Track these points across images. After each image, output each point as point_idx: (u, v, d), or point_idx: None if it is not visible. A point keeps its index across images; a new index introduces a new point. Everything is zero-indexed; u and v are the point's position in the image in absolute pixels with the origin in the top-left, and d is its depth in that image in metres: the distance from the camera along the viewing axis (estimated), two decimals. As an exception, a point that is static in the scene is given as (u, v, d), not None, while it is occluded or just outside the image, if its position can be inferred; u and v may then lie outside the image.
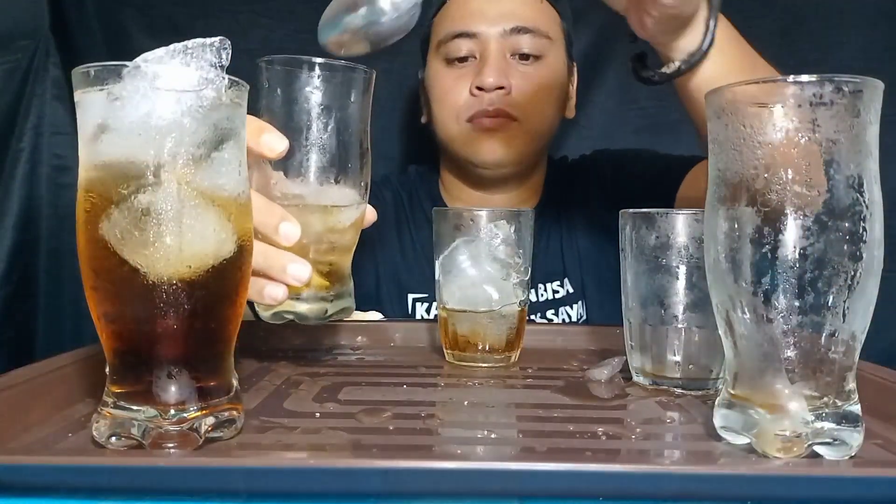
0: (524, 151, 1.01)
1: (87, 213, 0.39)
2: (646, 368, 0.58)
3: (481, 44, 0.98)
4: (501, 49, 0.97)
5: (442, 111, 1.02)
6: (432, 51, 1.04)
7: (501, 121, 0.97)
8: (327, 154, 0.57)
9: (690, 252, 0.55)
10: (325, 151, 0.57)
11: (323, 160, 0.57)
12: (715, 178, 0.42)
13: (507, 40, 0.98)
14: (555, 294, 1.06)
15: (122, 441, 0.39)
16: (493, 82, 0.95)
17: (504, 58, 0.98)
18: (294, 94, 0.56)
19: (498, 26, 0.97)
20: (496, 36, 0.97)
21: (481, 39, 0.98)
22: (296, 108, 0.56)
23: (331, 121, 0.57)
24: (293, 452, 0.42)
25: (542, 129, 1.02)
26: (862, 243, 0.38)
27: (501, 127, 0.98)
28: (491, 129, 0.98)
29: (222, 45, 0.39)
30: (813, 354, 0.39)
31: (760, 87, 0.39)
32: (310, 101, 0.56)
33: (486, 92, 0.96)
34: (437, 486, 0.38)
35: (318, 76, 0.56)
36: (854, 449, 0.39)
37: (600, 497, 0.37)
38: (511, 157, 1.00)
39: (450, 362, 0.67)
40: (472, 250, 0.65)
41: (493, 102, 0.96)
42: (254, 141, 0.49)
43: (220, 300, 0.41)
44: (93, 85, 0.39)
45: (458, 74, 1.00)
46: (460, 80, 0.99)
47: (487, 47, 0.97)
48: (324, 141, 0.57)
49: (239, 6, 1.27)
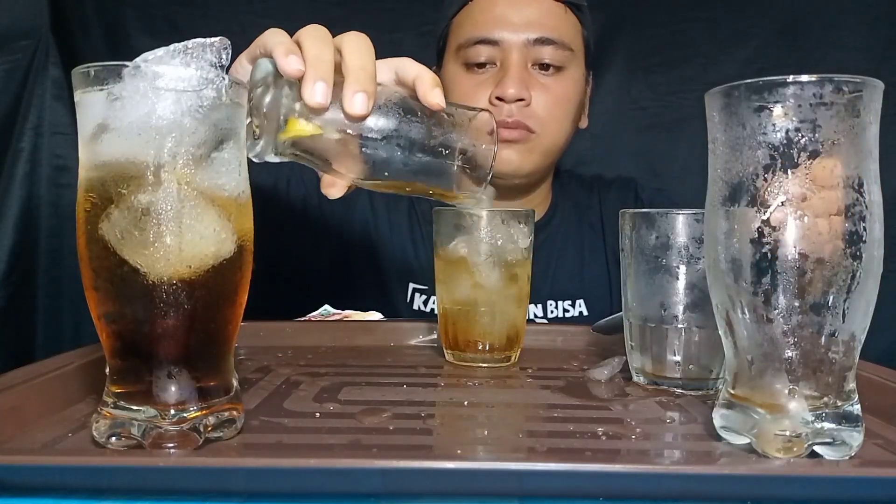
0: (540, 163, 1.01)
1: (87, 213, 0.39)
2: (646, 368, 0.58)
3: (503, 52, 0.96)
4: (523, 59, 0.96)
5: None
6: (450, 52, 1.02)
7: (520, 133, 0.96)
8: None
9: (690, 252, 0.55)
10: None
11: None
12: (715, 178, 0.42)
13: (529, 50, 0.96)
14: (565, 313, 1.05)
15: (122, 441, 0.39)
16: (514, 94, 0.94)
17: (525, 68, 0.96)
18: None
19: (522, 35, 0.95)
20: (519, 45, 0.95)
21: (503, 47, 0.96)
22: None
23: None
24: (293, 452, 0.42)
25: (559, 142, 1.01)
26: (862, 243, 0.38)
27: (519, 139, 0.97)
28: (508, 141, 0.96)
29: (222, 45, 0.39)
30: (813, 354, 0.39)
31: (760, 86, 0.39)
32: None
33: (506, 103, 0.95)
34: (437, 486, 0.38)
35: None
36: (854, 449, 0.39)
37: (600, 497, 0.37)
38: (526, 169, 1.00)
39: (450, 362, 0.67)
40: (472, 248, 0.66)
41: (513, 114, 0.95)
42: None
43: (220, 300, 0.41)
44: (93, 85, 0.39)
45: (477, 81, 0.98)
46: (479, 87, 0.97)
47: (509, 56, 0.95)
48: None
49: (239, 6, 1.27)
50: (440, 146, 0.53)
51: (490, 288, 0.66)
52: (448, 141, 0.53)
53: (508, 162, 0.98)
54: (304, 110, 0.51)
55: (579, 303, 1.05)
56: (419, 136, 0.53)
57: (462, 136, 0.54)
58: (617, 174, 1.20)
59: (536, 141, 0.98)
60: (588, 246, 1.09)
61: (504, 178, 1.00)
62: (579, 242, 1.09)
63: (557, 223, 1.10)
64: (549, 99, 0.97)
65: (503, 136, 0.96)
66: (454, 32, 1.02)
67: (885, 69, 1.18)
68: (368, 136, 0.52)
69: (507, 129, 0.96)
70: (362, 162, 0.53)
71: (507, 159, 0.98)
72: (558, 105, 0.98)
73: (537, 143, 0.98)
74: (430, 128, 0.53)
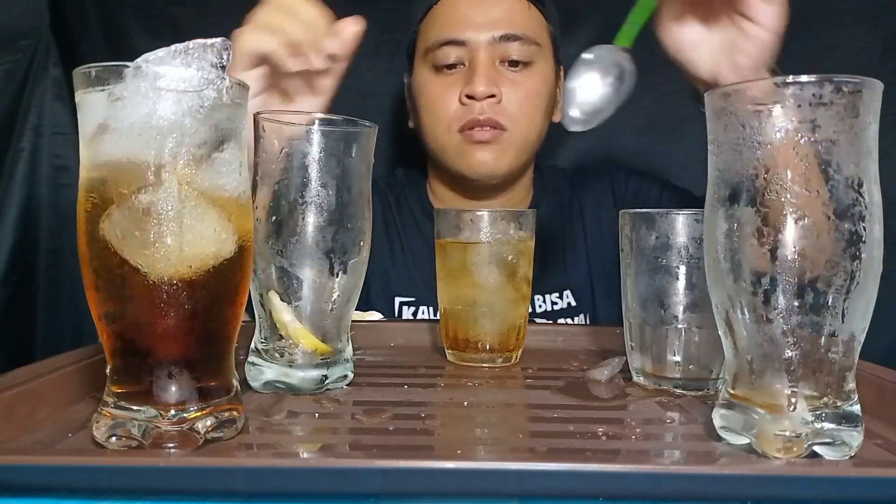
0: (515, 161, 1.01)
1: (87, 213, 0.39)
2: (646, 369, 0.58)
3: (470, 51, 0.97)
4: (491, 56, 0.97)
5: (432, 121, 1.01)
6: (419, 57, 1.03)
7: (493, 133, 0.97)
8: (325, 212, 0.53)
9: (690, 252, 0.55)
10: (323, 209, 0.53)
11: (320, 219, 0.53)
12: (715, 178, 0.42)
13: (496, 48, 0.96)
14: (553, 306, 1.05)
15: (122, 441, 0.39)
16: (483, 91, 0.94)
17: (493, 65, 0.97)
18: (292, 149, 0.53)
19: (487, 33, 0.96)
20: (485, 43, 0.96)
21: (470, 47, 0.96)
22: (293, 164, 0.52)
23: (329, 177, 0.53)
24: (293, 452, 0.42)
25: (532, 136, 1.02)
26: (861, 243, 0.38)
27: (491, 139, 0.97)
28: (481, 142, 0.97)
29: (223, 45, 0.39)
30: (812, 354, 0.39)
31: (760, 87, 0.39)
32: (307, 156, 0.52)
33: (477, 100, 0.95)
34: (437, 486, 0.38)
35: (317, 131, 0.53)
36: (854, 449, 0.39)
37: (600, 497, 0.37)
38: (502, 168, 1.00)
39: (450, 362, 0.67)
40: (473, 248, 0.66)
41: (484, 111, 0.95)
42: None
43: (220, 300, 0.41)
44: (94, 85, 0.39)
45: (447, 83, 0.99)
46: (449, 88, 0.98)
47: (476, 55, 0.96)
48: (322, 198, 0.53)
49: (239, 6, 1.27)
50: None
51: (490, 288, 0.66)
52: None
53: (483, 163, 0.98)
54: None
55: (566, 293, 1.06)
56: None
57: None
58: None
59: (508, 138, 0.98)
60: (570, 237, 1.10)
61: (481, 179, 1.00)
62: (562, 234, 1.10)
63: (540, 216, 1.10)
64: (519, 95, 0.97)
65: (475, 138, 0.97)
66: (421, 37, 1.03)
67: (885, 69, 1.18)
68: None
69: (479, 130, 0.96)
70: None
71: (482, 160, 0.98)
72: (529, 100, 0.99)
73: (509, 140, 0.98)
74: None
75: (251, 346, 0.56)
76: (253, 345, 0.56)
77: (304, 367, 0.54)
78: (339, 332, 0.56)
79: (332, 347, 0.55)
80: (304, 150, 0.53)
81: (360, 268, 0.56)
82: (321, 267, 0.53)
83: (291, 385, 0.53)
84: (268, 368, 0.54)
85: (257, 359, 0.55)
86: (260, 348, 0.55)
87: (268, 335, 0.55)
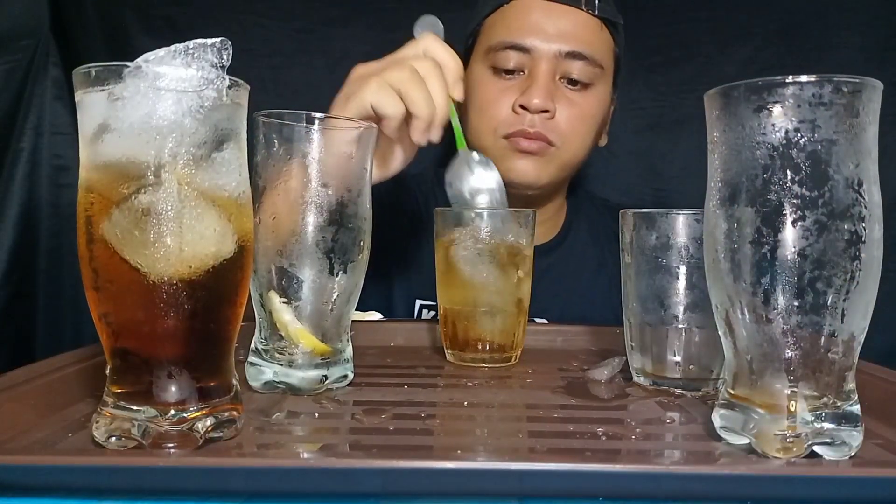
0: (556, 176, 1.00)
1: (87, 213, 0.39)
2: (646, 369, 0.58)
3: (533, 60, 0.94)
4: (552, 70, 0.94)
5: (480, 122, 0.98)
6: (479, 53, 1.00)
7: (540, 145, 0.95)
8: (325, 212, 0.53)
9: (690, 252, 0.55)
10: (323, 209, 0.53)
11: (320, 219, 0.53)
12: (715, 178, 0.42)
13: (559, 62, 0.94)
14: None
15: (122, 441, 0.39)
16: (538, 104, 0.92)
17: (553, 79, 0.94)
18: (292, 150, 0.53)
19: (554, 46, 0.93)
20: (550, 56, 0.93)
21: (534, 56, 0.94)
22: (293, 164, 0.52)
23: (329, 177, 0.53)
24: (293, 452, 0.42)
25: (578, 157, 1.00)
26: (861, 244, 0.38)
27: (538, 151, 0.95)
28: (527, 152, 0.95)
29: (223, 45, 0.39)
30: (812, 354, 0.39)
31: (760, 87, 0.39)
32: (307, 156, 0.52)
33: (530, 112, 0.93)
34: (437, 486, 0.38)
35: (317, 131, 0.53)
36: (854, 449, 0.39)
37: (600, 497, 0.37)
38: (542, 182, 0.98)
39: (450, 362, 0.67)
40: (473, 248, 0.66)
41: (535, 124, 0.93)
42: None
43: (220, 300, 0.41)
44: (94, 85, 0.39)
45: (503, 87, 0.96)
46: (504, 93, 0.95)
47: (538, 66, 0.93)
48: (322, 198, 0.53)
49: (239, 6, 1.27)
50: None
51: (490, 288, 0.66)
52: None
53: (525, 173, 0.96)
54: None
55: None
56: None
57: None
58: (617, 177, 1.19)
59: (556, 154, 0.96)
60: (598, 266, 1.08)
61: (518, 188, 0.97)
62: (591, 262, 1.08)
63: (571, 243, 1.09)
64: (573, 114, 0.95)
65: (522, 147, 0.95)
66: (485, 33, 1.00)
67: (885, 69, 1.18)
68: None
69: (526, 140, 0.94)
70: None
71: (524, 170, 0.96)
72: (582, 121, 0.97)
73: (556, 155, 0.97)
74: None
75: (251, 346, 0.56)
76: (253, 345, 0.56)
77: (304, 367, 0.54)
78: (339, 332, 0.56)
79: (331, 347, 0.55)
80: (305, 150, 0.53)
81: (360, 268, 0.56)
82: (321, 267, 0.53)
83: (291, 385, 0.53)
84: (268, 368, 0.54)
85: (257, 359, 0.55)
86: (260, 348, 0.55)
87: (268, 335, 0.55)
